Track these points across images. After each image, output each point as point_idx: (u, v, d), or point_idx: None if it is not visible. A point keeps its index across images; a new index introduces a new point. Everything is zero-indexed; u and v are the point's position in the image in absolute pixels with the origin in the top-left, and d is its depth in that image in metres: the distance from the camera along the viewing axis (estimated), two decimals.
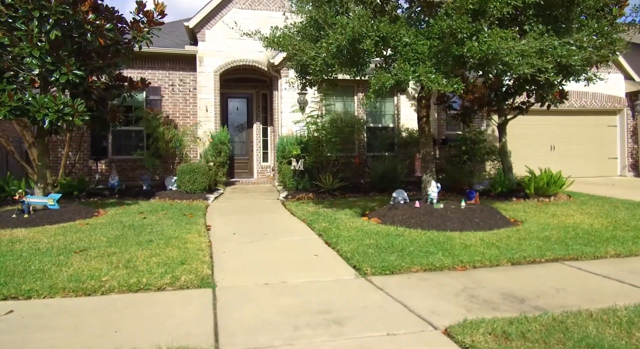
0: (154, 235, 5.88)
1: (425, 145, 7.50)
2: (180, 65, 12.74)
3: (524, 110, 10.11)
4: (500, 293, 4.02)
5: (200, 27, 12.23)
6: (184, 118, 12.77)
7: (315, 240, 5.99)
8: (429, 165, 7.43)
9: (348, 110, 12.68)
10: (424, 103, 7.37)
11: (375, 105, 13.10)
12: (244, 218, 7.48)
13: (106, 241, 5.60)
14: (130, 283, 4.17)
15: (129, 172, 12.26)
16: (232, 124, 14.19)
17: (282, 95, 12.19)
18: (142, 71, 12.46)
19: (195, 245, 5.43)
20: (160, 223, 6.64)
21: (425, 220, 6.47)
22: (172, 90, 12.71)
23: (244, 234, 6.31)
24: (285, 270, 4.78)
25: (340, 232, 6.12)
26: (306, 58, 5.84)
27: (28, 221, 6.83)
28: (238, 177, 14.04)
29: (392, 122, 13.18)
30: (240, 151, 14.24)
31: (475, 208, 6.89)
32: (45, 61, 6.79)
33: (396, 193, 7.66)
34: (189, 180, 9.54)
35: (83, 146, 12.22)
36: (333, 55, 5.48)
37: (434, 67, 5.54)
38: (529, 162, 10.99)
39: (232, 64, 12.43)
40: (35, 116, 6.67)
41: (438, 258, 4.92)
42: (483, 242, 5.57)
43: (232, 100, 14.19)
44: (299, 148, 10.56)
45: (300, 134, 11.38)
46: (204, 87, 12.27)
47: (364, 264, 4.76)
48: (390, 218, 6.81)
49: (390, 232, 6.06)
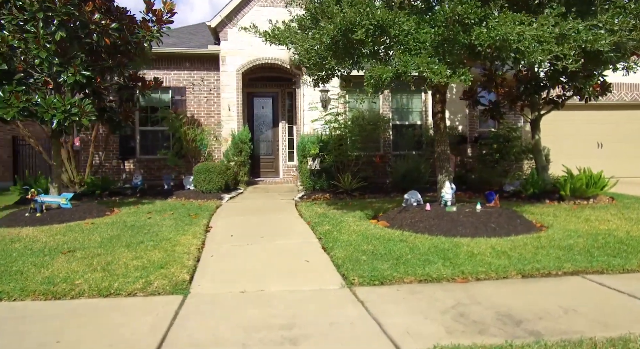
0: (147, 236, 5.74)
1: (440, 142, 6.93)
2: (205, 65, 12.73)
3: (559, 104, 9.23)
4: (496, 312, 3.49)
5: (222, 26, 12.15)
6: (207, 118, 12.76)
7: (312, 244, 5.62)
8: (444, 164, 6.86)
9: (372, 108, 12.18)
10: (438, 97, 6.81)
11: (401, 102, 12.53)
12: (250, 219, 7.23)
13: (99, 241, 5.51)
14: (101, 288, 3.99)
15: (155, 171, 12.39)
16: (258, 123, 14.06)
17: (304, 93, 11.88)
18: (167, 72, 12.56)
19: (185, 247, 5.22)
20: (160, 224, 6.51)
21: (434, 224, 5.94)
22: (197, 90, 12.72)
23: (242, 236, 6.04)
24: (269, 276, 4.45)
25: (340, 236, 5.71)
26: (301, 51, 5.48)
27: (39, 220, 6.91)
28: (264, 177, 13.89)
29: (419, 119, 12.55)
30: (266, 150, 14.09)
31: (492, 211, 6.26)
32: (52, 62, 6.84)
33: (408, 194, 7.14)
34: (204, 180, 9.44)
35: (112, 146, 12.51)
36: (327, 47, 5.09)
37: (438, 57, 5.02)
38: (574, 160, 10.05)
39: (254, 63, 12.26)
40: (43, 116, 6.73)
41: (436, 268, 4.41)
42: (493, 250, 4.99)
43: (258, 99, 14.06)
44: (317, 147, 10.21)
45: (321, 133, 11.03)
46: (226, 86, 12.18)
47: (353, 273, 4.35)
48: (398, 222, 6.32)
49: (393, 237, 5.58)
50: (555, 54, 4.62)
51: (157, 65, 12.47)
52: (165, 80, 12.58)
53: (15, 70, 6.94)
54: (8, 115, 6.54)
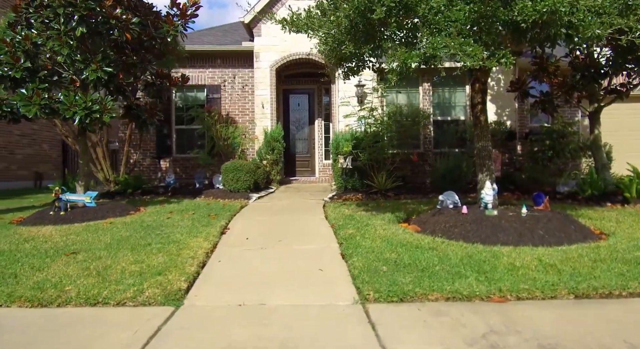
0: (158, 238, 5.39)
1: (480, 137, 6.13)
2: (239, 62, 12.45)
3: (623, 94, 8.07)
4: (539, 344, 2.77)
5: (256, 22, 11.80)
6: (242, 116, 12.47)
7: (331, 250, 5.05)
8: (485, 162, 6.05)
9: (412, 102, 11.40)
10: (478, 87, 6.01)
11: (443, 96, 11.65)
12: (272, 220, 6.76)
13: (107, 243, 5.22)
14: (89, 296, 3.63)
15: (190, 170, 12.26)
16: (294, 121, 13.64)
17: (339, 89, 11.30)
18: (202, 70, 12.40)
19: (192, 251, 4.80)
20: (177, 225, 6.17)
21: (471, 229, 5.18)
22: (231, 87, 12.47)
23: (258, 239, 5.57)
24: (276, 286, 3.94)
25: (362, 242, 5.10)
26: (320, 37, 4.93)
27: (62, 219, 6.80)
28: (299, 175, 13.45)
29: (462, 114, 11.61)
30: (301, 148, 13.65)
31: (541, 215, 5.40)
32: (74, 59, 6.69)
33: (444, 195, 6.38)
34: (232, 179, 9.10)
35: (149, 145, 12.52)
36: (345, 30, 4.50)
37: (473, 37, 4.29)
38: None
39: (287, 58, 11.82)
40: (65, 114, 6.59)
41: (468, 283, 3.71)
42: (540, 263, 4.19)
43: (294, 96, 13.63)
44: (350, 145, 9.60)
45: (356, 129, 10.41)
46: (260, 82, 11.83)
47: (369, 286, 3.74)
48: (431, 226, 5.61)
49: (422, 244, 4.89)
50: (617, 27, 3.77)
51: (192, 63, 12.34)
52: (201, 78, 12.44)
53: (40, 68, 6.86)
54: (30, 113, 6.45)
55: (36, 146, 15.17)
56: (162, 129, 12.50)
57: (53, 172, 15.35)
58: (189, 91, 12.66)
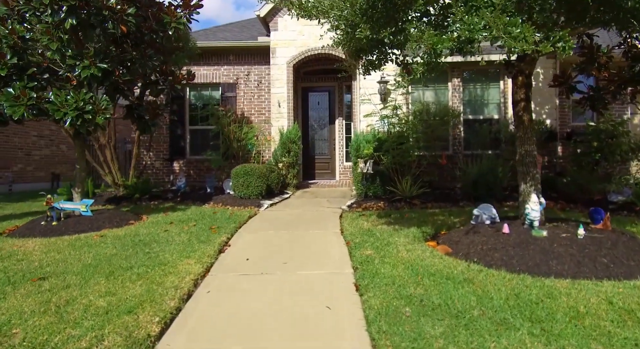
0: (144, 258, 4.64)
1: (524, 140, 5.12)
2: (255, 58, 11.69)
3: None
4: None
5: (272, 15, 11.01)
6: (258, 115, 11.71)
7: (344, 278, 4.17)
8: (529, 169, 5.05)
9: (440, 99, 10.37)
10: (521, 80, 5.01)
11: (475, 92, 10.56)
12: (280, 235, 5.93)
13: (87, 264, 4.50)
14: (36, 343, 2.89)
15: (204, 172, 11.60)
16: (313, 120, 12.80)
17: (360, 85, 10.38)
18: (217, 67, 11.70)
19: (178, 277, 4.03)
20: (171, 240, 5.42)
21: (515, 254, 4.20)
22: (247, 85, 11.72)
23: (260, 261, 4.75)
24: (269, 332, 3.10)
25: (381, 268, 4.20)
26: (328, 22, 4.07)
27: (53, 230, 6.17)
28: (319, 178, 12.61)
29: (496, 113, 10.49)
30: (321, 150, 12.79)
31: (602, 238, 4.36)
32: (65, 54, 6.03)
33: (479, 209, 5.38)
34: (242, 184, 8.32)
35: (162, 146, 11.92)
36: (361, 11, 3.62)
37: (521, 16, 3.33)
38: None
39: (305, 54, 10.97)
40: (55, 115, 5.94)
41: (519, 340, 2.77)
42: (612, 307, 3.20)
43: (313, 94, 12.78)
44: (371, 146, 8.68)
45: (378, 130, 9.48)
46: (276, 80, 11.03)
47: (385, 338, 2.86)
48: (464, 247, 4.65)
49: (455, 274, 3.96)
50: None
51: (207, 61, 11.68)
52: (215, 76, 11.75)
53: (29, 65, 6.24)
54: (16, 114, 5.83)
55: (54, 147, 14.85)
56: (176, 130, 11.89)
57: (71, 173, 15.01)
58: (203, 89, 12.00)
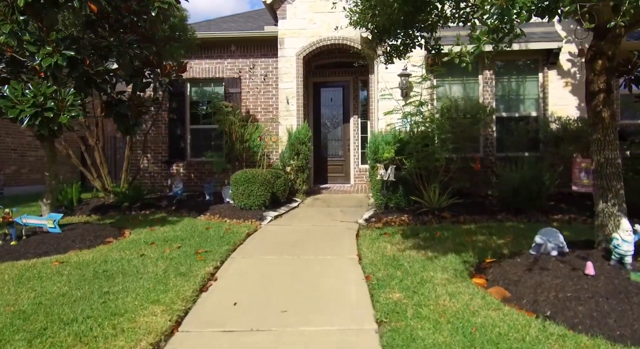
0: (98, 302, 3.44)
1: (603, 145, 3.80)
2: (262, 51, 10.48)
3: None
4: None
5: (280, 1, 9.77)
6: (265, 113, 10.51)
7: (364, 341, 2.91)
8: (611, 184, 3.72)
9: (469, 95, 9.01)
10: (600, 65, 3.69)
11: (509, 87, 9.18)
12: (282, 262, 4.69)
13: (19, 312, 3.30)
14: None
15: (206, 176, 10.44)
16: (325, 119, 11.54)
17: (378, 79, 9.08)
18: (221, 60, 10.51)
19: (133, 339, 2.81)
20: (143, 272, 4.22)
21: (612, 311, 2.89)
22: (253, 80, 10.52)
23: (251, 307, 3.51)
24: None
25: (417, 327, 2.93)
26: None
27: (9, 252, 5.03)
28: (332, 182, 11.36)
29: (534, 110, 9.09)
30: (334, 151, 11.53)
31: None
32: (21, 38, 4.88)
33: (543, 235, 4.04)
34: (242, 193, 7.10)
35: (161, 147, 10.82)
36: None
37: None
38: None
39: (317, 44, 9.72)
40: (8, 113, 4.80)
41: None
42: None
43: (326, 90, 11.51)
44: (392, 149, 7.39)
45: (400, 129, 8.17)
46: (285, 74, 9.80)
47: None
48: (529, 292, 3.35)
49: (528, 341, 2.67)
50: None
51: (209, 53, 10.51)
52: (218, 70, 10.58)
53: None
54: None
55: None
56: (175, 129, 10.76)
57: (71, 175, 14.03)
58: (205, 85, 10.84)
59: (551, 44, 8.49)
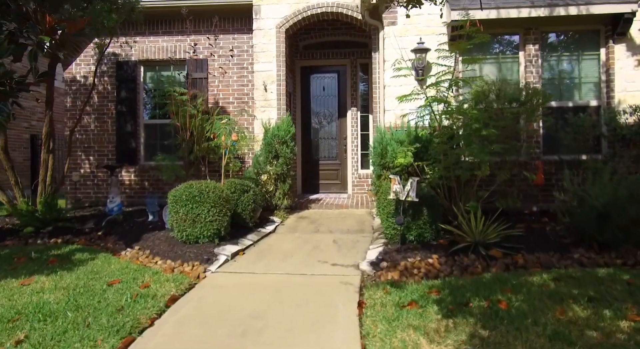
0: None
1: None
2: (235, 25, 7.98)
3: None
4: None
5: None
6: (239, 104, 8.02)
7: None
8: None
9: (505, 77, 6.54)
10: None
11: (559, 67, 6.72)
12: None
13: None
14: None
15: (164, 184, 7.93)
16: (316, 112, 9.08)
17: (385, 57, 6.61)
18: (182, 38, 8.00)
19: None
20: None
21: None
22: (223, 62, 8.02)
23: None
24: None
25: None
26: None
27: None
28: (324, 192, 8.91)
29: (593, 97, 6.63)
30: (327, 152, 9.07)
31: None
32: None
33: None
34: (184, 218, 4.58)
35: (107, 148, 8.33)
36: None
37: None
38: None
39: (304, 13, 7.23)
40: None
41: None
42: None
43: (317, 76, 9.05)
44: (410, 153, 4.94)
45: (418, 124, 5.69)
46: (261, 52, 7.33)
47: None
48: None
49: None
50: None
51: (167, 29, 8.04)
52: (179, 49, 8.09)
53: None
54: None
55: None
56: (125, 125, 8.25)
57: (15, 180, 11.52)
58: (163, 69, 8.35)
59: (621, 7, 6.05)
